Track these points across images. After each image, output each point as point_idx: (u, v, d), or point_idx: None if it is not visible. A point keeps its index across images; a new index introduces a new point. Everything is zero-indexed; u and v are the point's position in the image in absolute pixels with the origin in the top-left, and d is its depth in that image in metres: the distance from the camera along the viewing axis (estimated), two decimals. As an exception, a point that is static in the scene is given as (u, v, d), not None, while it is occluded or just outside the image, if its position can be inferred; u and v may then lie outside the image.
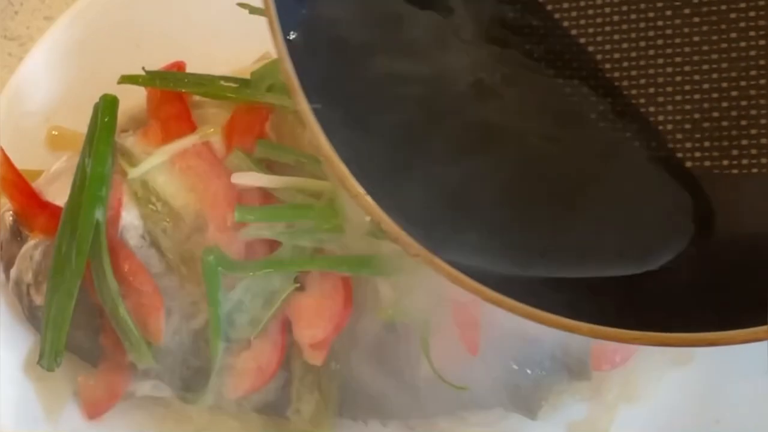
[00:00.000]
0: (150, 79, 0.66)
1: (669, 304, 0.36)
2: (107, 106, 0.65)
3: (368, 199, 0.37)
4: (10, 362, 0.66)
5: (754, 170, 0.40)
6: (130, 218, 0.64)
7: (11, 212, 0.65)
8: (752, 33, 0.40)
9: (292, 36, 0.38)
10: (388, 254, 0.59)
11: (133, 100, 0.68)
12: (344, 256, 0.62)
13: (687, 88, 0.41)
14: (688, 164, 0.41)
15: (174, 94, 0.66)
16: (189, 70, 0.69)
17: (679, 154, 0.41)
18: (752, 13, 0.39)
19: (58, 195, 0.65)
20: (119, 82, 0.66)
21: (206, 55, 0.71)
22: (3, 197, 0.66)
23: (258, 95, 0.65)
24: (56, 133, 0.73)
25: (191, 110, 0.66)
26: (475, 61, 0.44)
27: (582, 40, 0.43)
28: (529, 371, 0.68)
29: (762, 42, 0.39)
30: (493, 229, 0.40)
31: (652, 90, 0.41)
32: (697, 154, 0.41)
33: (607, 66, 0.42)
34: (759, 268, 0.37)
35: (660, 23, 0.41)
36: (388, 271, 0.61)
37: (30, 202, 0.65)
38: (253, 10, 0.67)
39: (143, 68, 0.67)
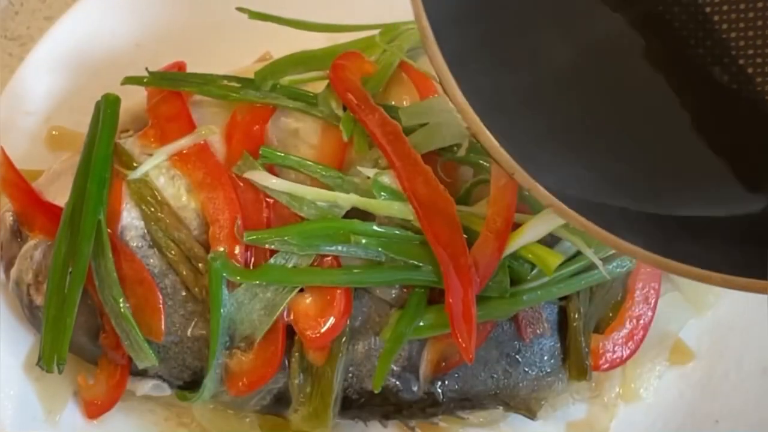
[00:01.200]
0: (153, 79, 0.66)
1: None
2: (109, 105, 0.65)
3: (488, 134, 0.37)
4: (11, 362, 0.66)
5: None
6: (130, 219, 0.64)
7: (11, 212, 0.65)
8: None
9: None
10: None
11: (133, 100, 0.68)
12: (347, 267, 0.62)
13: None
14: None
15: (174, 94, 0.66)
16: (189, 70, 0.69)
17: None
18: None
19: (58, 195, 0.65)
20: (123, 83, 0.66)
21: (206, 55, 0.71)
22: (3, 197, 0.66)
23: (262, 95, 0.65)
24: (56, 133, 0.73)
25: (191, 110, 0.66)
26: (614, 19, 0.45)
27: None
28: (529, 371, 0.68)
29: None
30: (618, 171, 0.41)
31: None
32: None
33: (742, 25, 0.43)
34: None
35: None
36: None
37: (30, 202, 0.65)
38: (253, 15, 0.67)
39: (146, 69, 0.67)
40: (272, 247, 0.61)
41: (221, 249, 0.61)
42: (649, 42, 0.45)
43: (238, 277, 0.61)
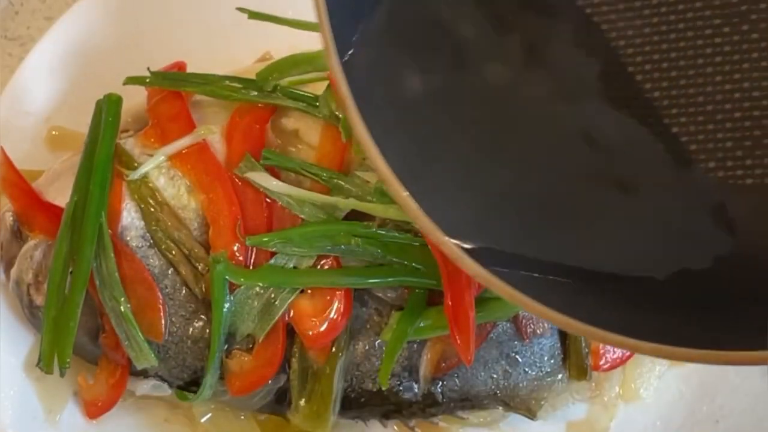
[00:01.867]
0: (155, 79, 0.66)
1: (726, 324, 0.36)
2: (111, 105, 0.64)
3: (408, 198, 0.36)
4: (11, 362, 0.66)
5: None
6: (130, 219, 0.64)
7: (11, 212, 0.65)
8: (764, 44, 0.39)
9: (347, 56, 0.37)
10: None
11: (133, 100, 0.68)
12: (347, 268, 0.62)
13: (746, 105, 0.40)
14: (749, 181, 0.40)
15: (174, 94, 0.66)
16: (189, 70, 0.69)
17: (740, 172, 0.40)
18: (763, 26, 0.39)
19: (58, 195, 0.65)
20: (125, 83, 0.66)
21: (206, 55, 0.71)
22: (3, 197, 0.66)
23: (263, 96, 0.65)
24: (56, 133, 0.73)
25: (191, 110, 0.66)
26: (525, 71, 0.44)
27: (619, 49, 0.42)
28: (529, 371, 0.68)
29: None
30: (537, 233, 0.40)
31: (710, 107, 0.41)
32: (758, 171, 0.40)
33: (665, 84, 0.41)
34: None
35: (718, 40, 0.40)
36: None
37: (30, 202, 0.65)
38: (252, 15, 0.67)
39: (148, 69, 0.67)
40: (274, 249, 0.61)
41: (223, 251, 0.61)
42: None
43: (242, 279, 0.61)
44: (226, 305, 0.61)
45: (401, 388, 0.65)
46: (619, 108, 0.42)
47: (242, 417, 0.68)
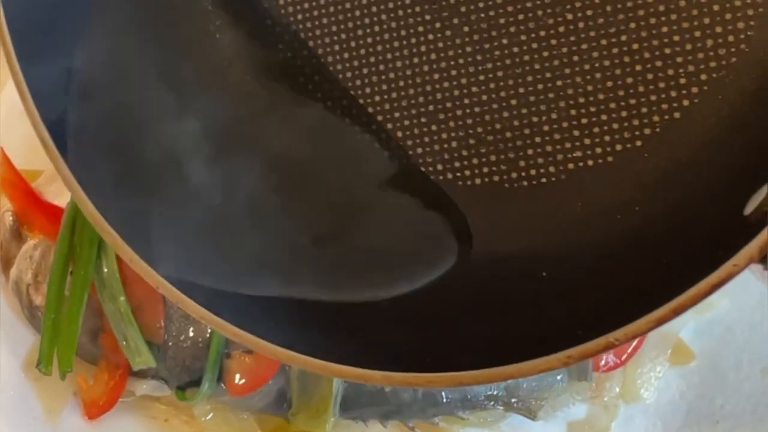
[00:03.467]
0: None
1: (457, 342, 0.35)
2: (111, 105, 0.64)
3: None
4: (11, 362, 0.66)
5: (543, 180, 0.38)
6: (130, 218, 0.64)
7: (11, 212, 0.65)
8: (523, 37, 0.38)
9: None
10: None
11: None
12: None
13: (466, 101, 0.39)
14: (477, 181, 0.39)
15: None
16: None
17: (467, 172, 0.39)
18: (521, 16, 0.38)
19: (58, 195, 0.65)
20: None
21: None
22: (3, 197, 0.66)
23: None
24: (56, 133, 0.73)
25: (191, 110, 0.66)
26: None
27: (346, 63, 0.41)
28: (529, 371, 0.68)
29: (534, 45, 0.38)
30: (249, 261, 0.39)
31: (431, 107, 0.40)
32: (485, 170, 0.39)
33: (384, 87, 0.41)
34: (544, 294, 0.36)
35: (431, 36, 0.40)
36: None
37: (30, 202, 0.65)
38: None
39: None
40: None
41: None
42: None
43: None
44: (227, 305, 0.61)
45: (401, 388, 0.65)
46: (342, 117, 0.41)
47: (242, 417, 0.68)
